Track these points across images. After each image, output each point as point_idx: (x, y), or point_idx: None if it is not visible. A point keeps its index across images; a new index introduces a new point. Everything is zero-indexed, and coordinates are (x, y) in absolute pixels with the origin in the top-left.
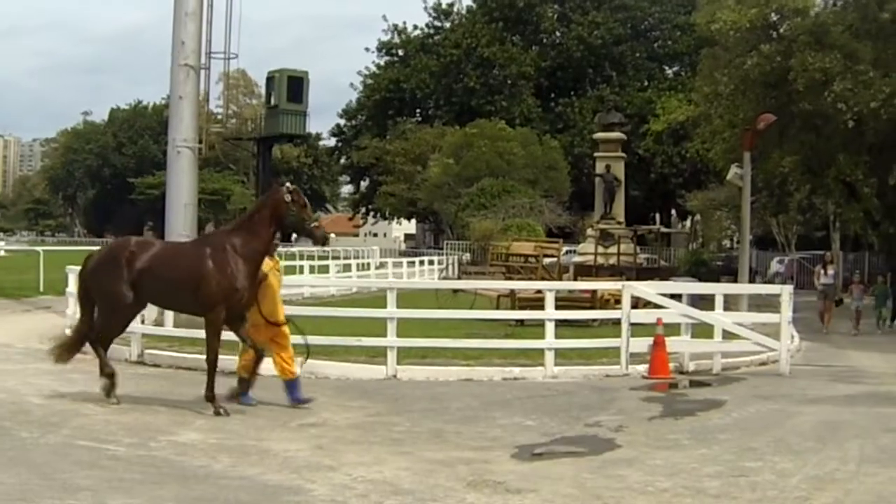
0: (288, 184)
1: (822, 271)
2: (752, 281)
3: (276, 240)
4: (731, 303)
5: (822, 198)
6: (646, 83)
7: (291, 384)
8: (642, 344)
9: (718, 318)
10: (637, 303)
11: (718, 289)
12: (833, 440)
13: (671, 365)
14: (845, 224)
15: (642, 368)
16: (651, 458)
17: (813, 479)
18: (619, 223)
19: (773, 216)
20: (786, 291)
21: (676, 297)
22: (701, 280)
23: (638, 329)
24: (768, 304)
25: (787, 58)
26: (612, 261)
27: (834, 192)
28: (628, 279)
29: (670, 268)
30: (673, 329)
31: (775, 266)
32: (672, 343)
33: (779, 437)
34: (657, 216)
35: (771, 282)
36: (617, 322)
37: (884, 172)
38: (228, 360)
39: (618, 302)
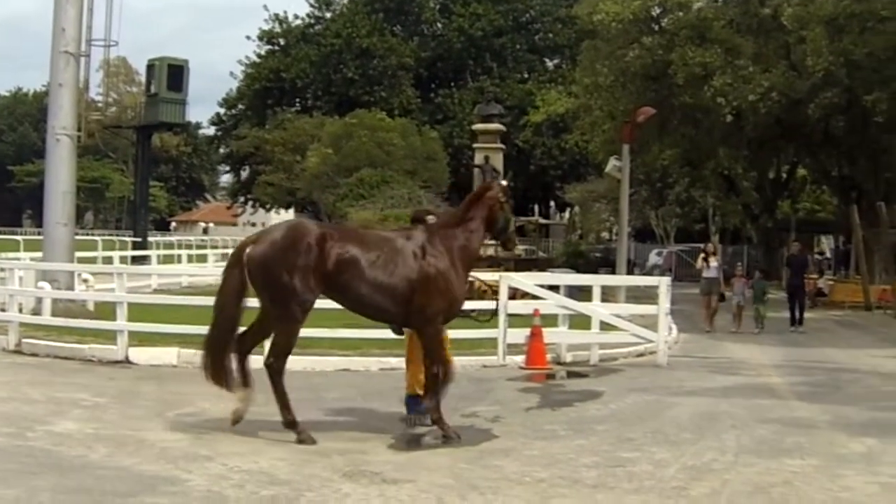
0: (503, 181)
1: (705, 264)
2: (630, 273)
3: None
4: (609, 294)
5: (701, 191)
6: (526, 75)
7: (414, 400)
8: (520, 335)
9: (596, 309)
10: (515, 294)
11: (596, 280)
12: (710, 431)
13: (549, 356)
14: (724, 217)
15: (519, 359)
16: (528, 449)
17: (690, 470)
18: None
19: (652, 209)
20: (663, 283)
21: (554, 288)
22: (579, 272)
23: (516, 320)
24: (646, 295)
25: (669, 51)
26: (490, 252)
27: (713, 185)
28: (506, 270)
29: (549, 259)
30: (550, 320)
31: (654, 258)
32: (549, 334)
33: (656, 427)
34: (536, 208)
35: (649, 274)
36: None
37: (763, 166)
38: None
39: (495, 293)
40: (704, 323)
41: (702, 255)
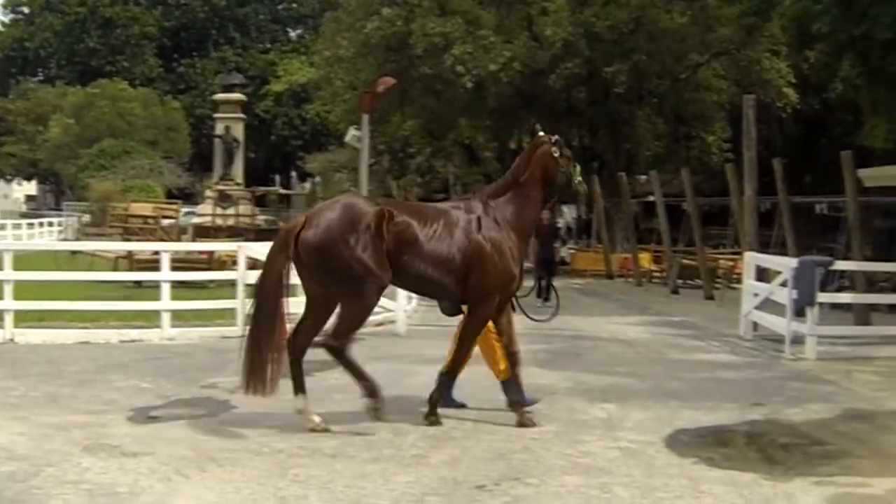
0: (550, 135)
1: None
2: None
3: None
4: None
5: (442, 161)
6: (269, 45)
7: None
8: None
9: None
10: (254, 264)
11: None
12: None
13: (288, 326)
14: (465, 187)
15: None
16: (267, 420)
17: (430, 438)
18: (237, 185)
19: (394, 178)
20: None
21: None
22: None
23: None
24: None
25: (409, 22)
26: (231, 222)
27: (454, 155)
28: (247, 240)
29: None
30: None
31: None
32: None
33: (395, 396)
34: (277, 178)
35: None
36: (233, 283)
37: (504, 136)
38: None
39: (235, 263)
40: None
41: None
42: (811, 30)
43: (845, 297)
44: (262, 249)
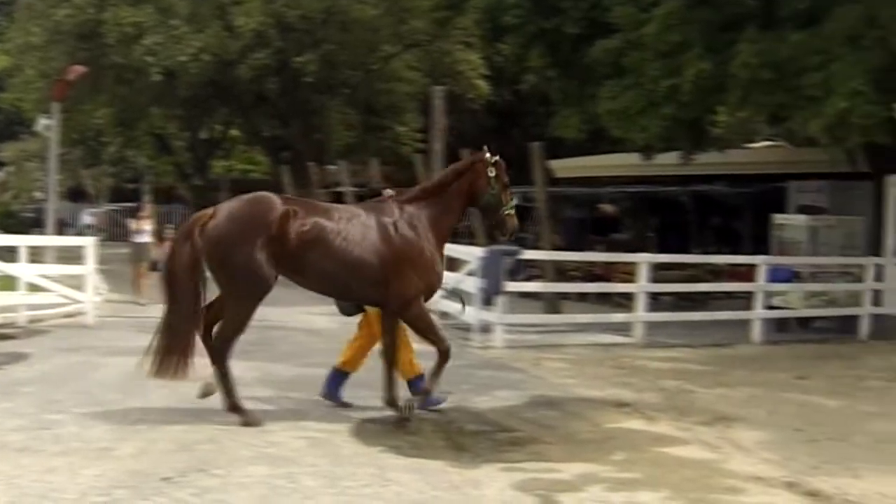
0: (490, 154)
1: (138, 228)
2: (61, 233)
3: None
4: (37, 255)
5: (134, 150)
6: None
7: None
8: None
9: (23, 270)
10: None
11: (23, 240)
12: (137, 390)
13: None
14: (158, 177)
15: None
16: None
17: (117, 430)
18: None
19: (86, 168)
20: (89, 244)
21: None
22: (10, 232)
23: None
24: (78, 256)
25: (101, 11)
26: None
27: (146, 144)
28: None
29: None
30: None
31: (87, 218)
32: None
33: (84, 388)
34: None
35: (82, 234)
36: None
37: (195, 126)
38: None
39: None
40: (137, 294)
41: (136, 219)
42: (503, 22)
43: (534, 286)
44: None
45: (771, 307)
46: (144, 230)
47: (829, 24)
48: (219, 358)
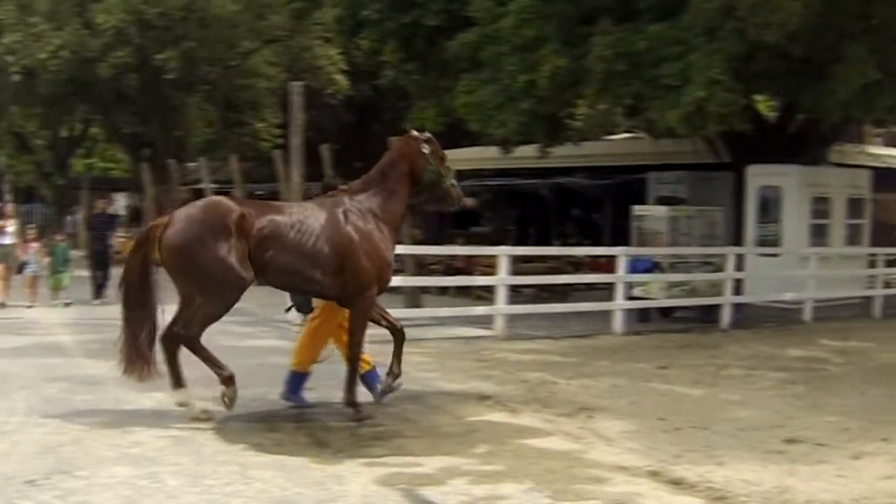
0: (419, 132)
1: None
2: None
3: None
4: None
5: None
6: None
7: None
8: None
9: None
10: None
11: None
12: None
13: None
14: (18, 176)
15: None
16: None
17: None
18: None
19: None
20: None
21: None
22: None
23: None
24: None
25: None
26: None
27: (6, 143)
28: None
29: None
30: None
31: None
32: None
33: None
34: None
35: None
36: None
37: (55, 124)
38: None
39: None
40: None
41: None
42: (361, 17)
43: (394, 280)
44: None
45: (632, 298)
46: (6, 231)
47: (687, 15)
48: (194, 346)
